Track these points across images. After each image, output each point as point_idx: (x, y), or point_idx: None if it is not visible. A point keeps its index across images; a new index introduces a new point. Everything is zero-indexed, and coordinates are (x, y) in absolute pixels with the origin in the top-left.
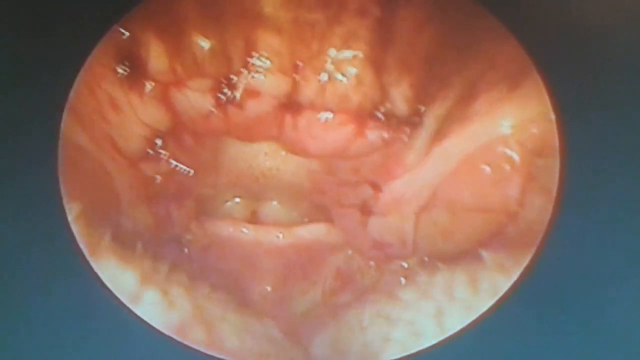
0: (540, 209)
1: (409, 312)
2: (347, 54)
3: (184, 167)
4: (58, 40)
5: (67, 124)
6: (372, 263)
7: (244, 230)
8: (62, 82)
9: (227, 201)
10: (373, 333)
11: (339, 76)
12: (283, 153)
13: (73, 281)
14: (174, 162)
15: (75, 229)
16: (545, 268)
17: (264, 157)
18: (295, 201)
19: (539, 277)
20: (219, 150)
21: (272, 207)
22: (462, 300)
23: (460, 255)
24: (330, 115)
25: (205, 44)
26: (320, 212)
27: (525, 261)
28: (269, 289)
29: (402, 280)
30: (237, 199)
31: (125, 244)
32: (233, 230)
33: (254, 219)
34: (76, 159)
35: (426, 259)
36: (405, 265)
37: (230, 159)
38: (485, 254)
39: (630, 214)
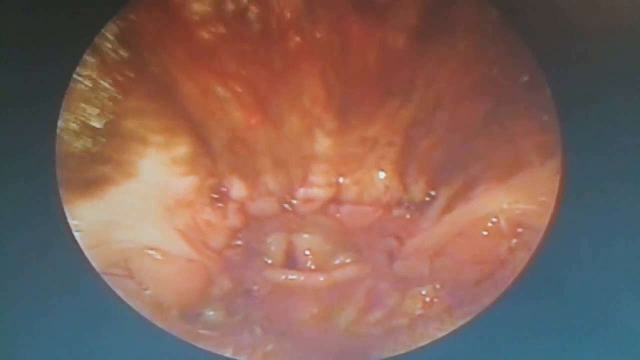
0: (522, 257)
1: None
2: (381, 174)
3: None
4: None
5: None
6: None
7: (293, 277)
8: None
9: (268, 235)
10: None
11: (374, 185)
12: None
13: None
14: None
15: None
16: (543, 269)
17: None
18: (329, 237)
19: (538, 276)
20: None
21: (306, 240)
22: None
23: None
24: (364, 208)
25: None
26: (353, 251)
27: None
28: (314, 311)
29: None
30: (272, 237)
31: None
32: (286, 277)
33: (290, 250)
34: None
35: (438, 286)
36: (424, 292)
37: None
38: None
39: (631, 219)
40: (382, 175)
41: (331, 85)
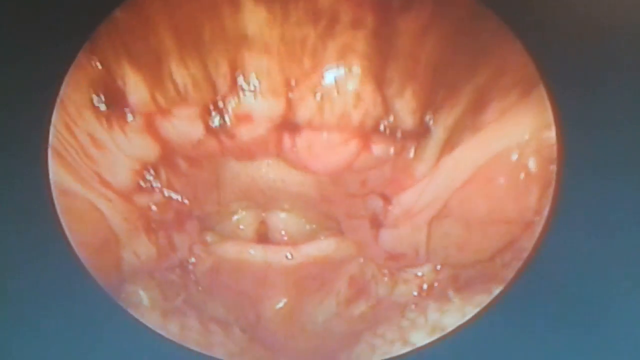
0: None
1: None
2: (344, 69)
3: (179, 195)
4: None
5: (54, 169)
6: (385, 271)
7: (251, 251)
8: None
9: (233, 214)
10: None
11: (337, 94)
12: (286, 168)
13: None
14: (170, 193)
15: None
16: (541, 270)
17: (266, 168)
18: (303, 210)
19: (537, 275)
20: (218, 170)
21: (281, 219)
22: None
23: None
24: (330, 134)
25: (185, 70)
26: (330, 222)
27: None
28: (281, 304)
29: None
30: (243, 212)
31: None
32: (240, 251)
33: (262, 229)
34: (68, 204)
35: (439, 267)
36: (420, 273)
37: (232, 176)
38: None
39: (630, 216)
40: (349, 77)
41: None
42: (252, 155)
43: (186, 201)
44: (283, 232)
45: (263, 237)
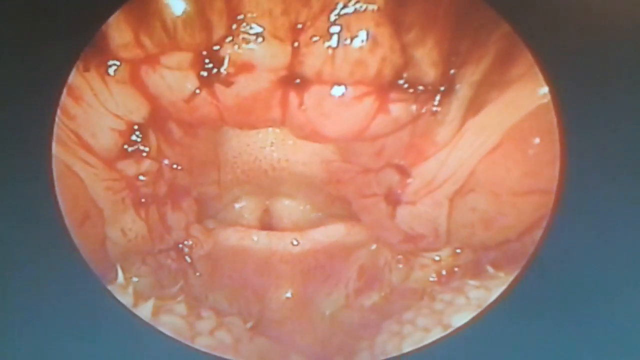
0: None
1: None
2: (357, 8)
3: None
4: None
5: None
6: (400, 257)
7: (255, 238)
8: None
9: (234, 202)
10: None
11: (350, 38)
12: (291, 142)
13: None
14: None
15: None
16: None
17: (270, 147)
18: (309, 196)
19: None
20: (217, 142)
21: (285, 206)
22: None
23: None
24: (343, 88)
25: (176, 6)
26: (338, 206)
27: None
28: (288, 295)
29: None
30: (245, 202)
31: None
32: (242, 237)
33: (266, 218)
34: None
35: (459, 251)
36: (437, 258)
37: (233, 151)
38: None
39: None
40: (363, 18)
41: None
42: (254, 121)
43: (181, 173)
44: (287, 221)
45: (267, 225)
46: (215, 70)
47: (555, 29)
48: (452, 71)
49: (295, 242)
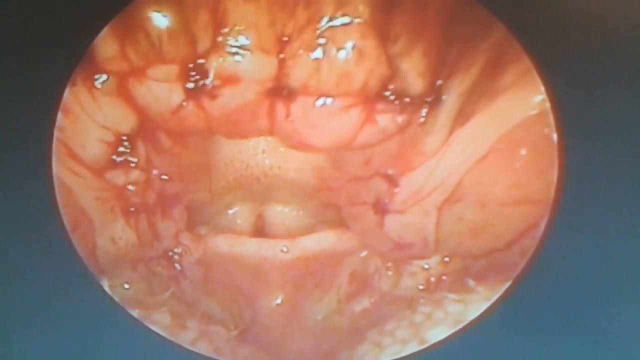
0: None
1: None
2: (343, 21)
3: (162, 175)
4: None
5: None
6: (389, 264)
7: (244, 245)
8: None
9: (227, 209)
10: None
11: (335, 50)
12: (282, 149)
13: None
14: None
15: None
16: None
17: (262, 154)
18: (302, 202)
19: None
20: (208, 150)
21: (278, 212)
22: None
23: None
24: (330, 99)
25: (161, 20)
26: (330, 212)
27: None
28: (278, 301)
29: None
30: (237, 208)
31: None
32: (232, 244)
33: (259, 224)
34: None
35: (447, 259)
36: (426, 266)
37: (225, 158)
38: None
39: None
40: (349, 30)
41: None
42: (242, 130)
43: (170, 182)
44: (280, 226)
45: (260, 231)
46: (201, 83)
47: (554, 33)
48: (439, 82)
49: (284, 249)
